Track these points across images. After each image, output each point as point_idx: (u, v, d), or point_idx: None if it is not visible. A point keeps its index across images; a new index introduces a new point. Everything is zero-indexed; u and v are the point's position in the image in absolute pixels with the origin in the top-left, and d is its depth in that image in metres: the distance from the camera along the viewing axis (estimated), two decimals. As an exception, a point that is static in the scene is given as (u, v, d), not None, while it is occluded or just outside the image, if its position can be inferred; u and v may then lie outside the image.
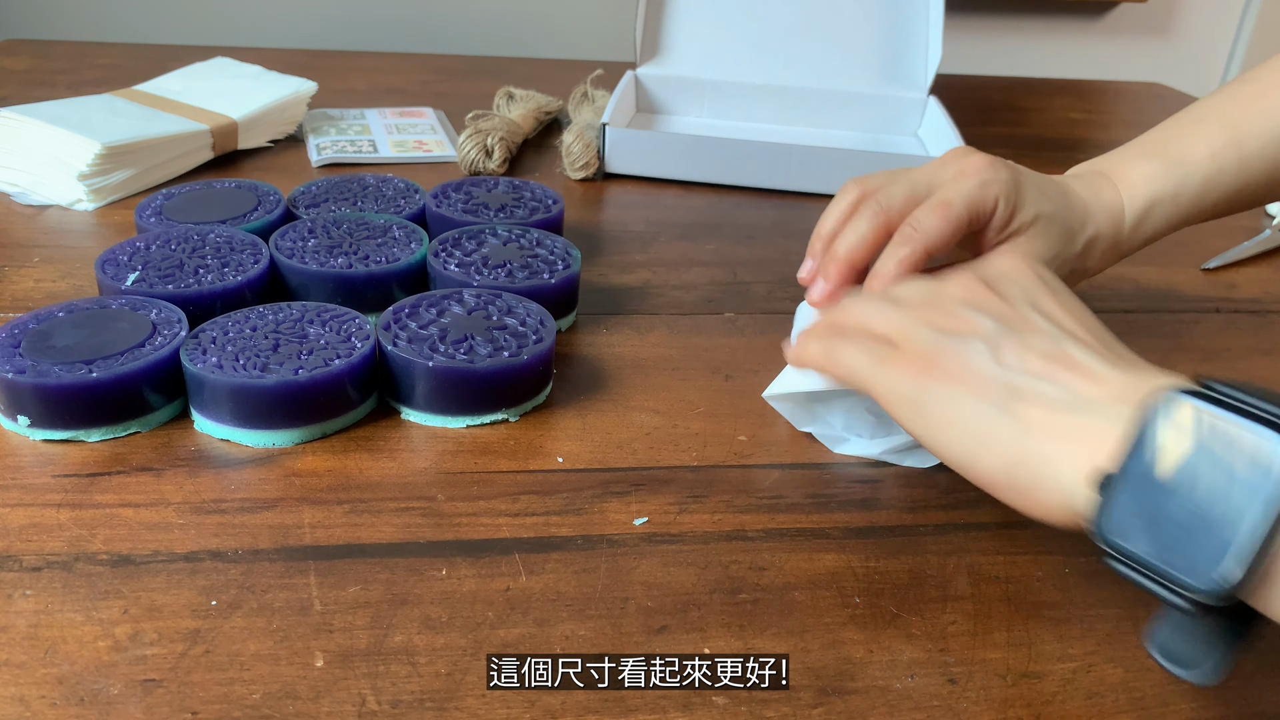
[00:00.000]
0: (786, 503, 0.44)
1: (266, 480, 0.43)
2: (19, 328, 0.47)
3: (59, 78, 0.94)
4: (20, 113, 0.70)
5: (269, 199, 0.62)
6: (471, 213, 0.63)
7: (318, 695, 0.33)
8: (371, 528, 0.41)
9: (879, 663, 0.36)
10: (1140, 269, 0.71)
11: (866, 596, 0.39)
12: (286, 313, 0.50)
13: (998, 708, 0.35)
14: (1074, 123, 1.06)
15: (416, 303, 0.51)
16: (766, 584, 0.40)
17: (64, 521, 0.40)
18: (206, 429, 0.46)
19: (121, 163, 0.70)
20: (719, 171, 0.80)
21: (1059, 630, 0.39)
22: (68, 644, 0.35)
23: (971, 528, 0.44)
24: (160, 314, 0.49)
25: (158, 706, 0.33)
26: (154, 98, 0.80)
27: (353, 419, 0.47)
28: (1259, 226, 0.79)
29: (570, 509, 0.43)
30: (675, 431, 0.49)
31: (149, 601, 0.37)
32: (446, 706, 0.33)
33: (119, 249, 0.54)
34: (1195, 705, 0.36)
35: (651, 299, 0.61)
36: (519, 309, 0.51)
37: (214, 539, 0.40)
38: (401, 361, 0.47)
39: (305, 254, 0.56)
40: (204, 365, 0.45)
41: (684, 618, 0.38)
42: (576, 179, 0.80)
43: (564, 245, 0.58)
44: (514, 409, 0.49)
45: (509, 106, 0.89)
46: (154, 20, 1.19)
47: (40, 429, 0.44)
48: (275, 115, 0.81)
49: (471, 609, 0.37)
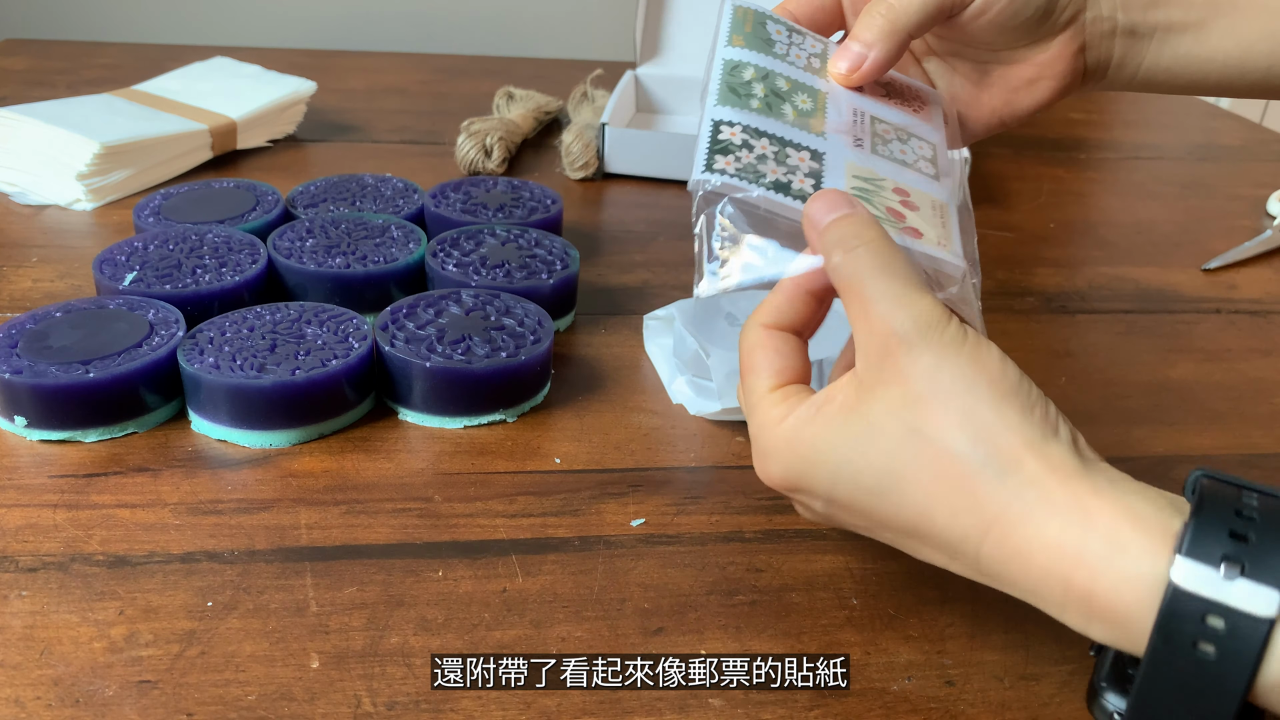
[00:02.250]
0: (784, 504, 0.44)
1: (263, 481, 0.43)
2: (16, 328, 0.47)
3: (58, 78, 0.94)
4: (19, 112, 0.70)
5: (267, 199, 0.62)
6: (470, 213, 0.62)
7: (313, 697, 0.33)
8: (368, 529, 0.41)
9: (876, 664, 0.36)
10: (1140, 269, 0.70)
11: (864, 598, 0.39)
12: (284, 313, 0.49)
13: (995, 710, 0.35)
14: (1074, 123, 1.06)
15: (414, 303, 0.51)
16: (764, 585, 0.40)
17: (60, 522, 0.40)
18: (203, 429, 0.46)
19: (120, 162, 0.69)
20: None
21: (1057, 632, 0.38)
22: (63, 645, 0.35)
23: (970, 529, 0.43)
24: (158, 314, 0.49)
25: (153, 708, 0.33)
26: (153, 97, 0.79)
27: (350, 419, 0.47)
28: (1260, 227, 0.79)
29: (567, 510, 0.43)
30: (673, 432, 0.49)
31: (145, 602, 0.37)
32: (442, 708, 0.33)
33: (117, 249, 0.54)
34: (1193, 707, 0.36)
35: (650, 299, 0.61)
36: (517, 309, 0.51)
37: (210, 540, 0.40)
38: (399, 362, 0.47)
39: (303, 254, 0.55)
40: (201, 366, 0.45)
41: (681, 619, 0.38)
42: (576, 179, 0.80)
43: (563, 245, 0.58)
44: (511, 409, 0.49)
45: (509, 106, 0.88)
46: (153, 20, 1.19)
47: (37, 429, 0.44)
48: (274, 115, 0.81)
49: (468, 610, 0.37)
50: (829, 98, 0.41)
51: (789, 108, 0.40)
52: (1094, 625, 0.29)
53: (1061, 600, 0.29)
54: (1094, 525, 0.28)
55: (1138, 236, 0.77)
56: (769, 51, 0.42)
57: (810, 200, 0.35)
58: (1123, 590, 0.28)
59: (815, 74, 0.43)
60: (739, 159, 0.37)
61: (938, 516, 0.31)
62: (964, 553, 0.31)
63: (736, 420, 0.49)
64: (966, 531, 0.30)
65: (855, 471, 0.32)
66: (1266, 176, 0.92)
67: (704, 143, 0.37)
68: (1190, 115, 1.12)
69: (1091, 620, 0.29)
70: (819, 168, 0.37)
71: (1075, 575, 0.28)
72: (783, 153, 0.37)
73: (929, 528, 0.31)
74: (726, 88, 0.40)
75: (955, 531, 0.31)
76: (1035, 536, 0.29)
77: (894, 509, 0.32)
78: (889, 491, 0.31)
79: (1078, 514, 0.29)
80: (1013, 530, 0.29)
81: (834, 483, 0.32)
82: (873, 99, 0.43)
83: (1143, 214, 0.81)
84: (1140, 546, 0.28)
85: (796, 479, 0.33)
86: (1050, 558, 0.29)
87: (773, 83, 0.40)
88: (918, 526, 0.32)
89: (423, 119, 0.91)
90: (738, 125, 0.38)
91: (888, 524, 0.33)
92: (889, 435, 0.31)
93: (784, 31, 0.44)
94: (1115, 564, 0.28)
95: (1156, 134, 1.05)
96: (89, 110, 0.74)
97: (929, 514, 0.31)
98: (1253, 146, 1.01)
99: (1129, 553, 0.28)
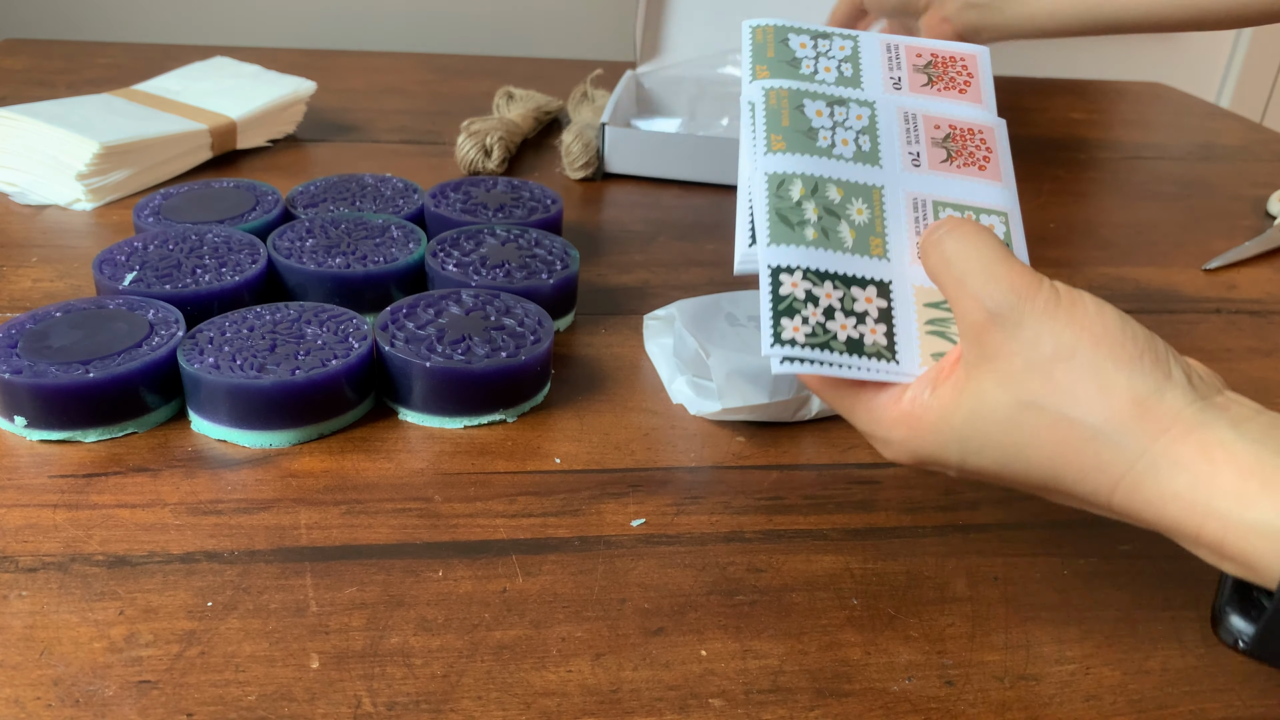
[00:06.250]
0: (784, 504, 0.44)
1: (263, 481, 0.43)
2: (16, 328, 0.47)
3: (58, 77, 0.94)
4: (19, 112, 0.70)
5: (267, 199, 0.62)
6: (470, 212, 0.62)
7: (313, 697, 0.33)
8: (368, 529, 0.41)
9: (876, 665, 0.36)
10: (1141, 269, 0.70)
11: (864, 598, 0.39)
12: (284, 313, 0.49)
13: (995, 710, 0.35)
14: (1075, 122, 1.06)
15: (414, 303, 0.51)
16: (764, 585, 0.40)
17: (60, 522, 0.40)
18: (203, 429, 0.46)
19: (120, 162, 0.69)
20: (719, 171, 0.80)
21: (1057, 632, 0.38)
22: (63, 645, 0.35)
23: (970, 529, 0.43)
24: (157, 314, 0.48)
25: (153, 708, 0.33)
26: (153, 97, 0.79)
27: (350, 419, 0.47)
28: (1260, 226, 0.79)
29: (567, 510, 0.43)
30: (673, 432, 0.48)
31: (145, 603, 0.37)
32: (442, 708, 0.33)
33: (117, 249, 0.54)
34: (1194, 707, 0.36)
35: (651, 299, 0.61)
36: (517, 309, 0.51)
37: (210, 540, 0.40)
38: (399, 362, 0.47)
39: (303, 254, 0.55)
40: (201, 366, 0.45)
41: (681, 619, 0.38)
42: (576, 179, 0.80)
43: (562, 245, 0.58)
44: (511, 409, 0.49)
45: (509, 106, 0.88)
46: (153, 20, 1.19)
47: (37, 429, 0.44)
48: (274, 115, 0.81)
49: (468, 610, 0.37)
50: (885, 192, 0.39)
51: (845, 227, 0.38)
52: (1226, 564, 0.30)
53: (1193, 543, 0.30)
54: (1219, 484, 0.29)
55: (1138, 236, 0.76)
56: (796, 74, 0.41)
57: None
58: (1253, 540, 0.28)
59: (848, 85, 0.41)
60: (805, 320, 0.35)
61: (1065, 477, 0.32)
62: (1095, 504, 0.32)
63: (736, 420, 0.49)
64: (1096, 488, 0.31)
65: (979, 448, 0.33)
66: (1266, 176, 0.92)
67: (766, 299, 0.36)
68: (1190, 115, 1.12)
69: (1223, 561, 0.30)
70: (888, 306, 0.37)
71: (1205, 526, 0.29)
72: (848, 296, 0.36)
73: (1058, 486, 0.32)
74: (777, 217, 0.37)
75: (1085, 488, 0.32)
76: (1163, 493, 0.30)
77: (1022, 474, 0.33)
78: (1013, 462, 0.33)
79: (1204, 469, 0.29)
80: (1139, 486, 0.30)
81: (963, 456, 0.34)
82: (936, 172, 0.40)
83: (1143, 214, 0.81)
84: (1269, 503, 0.28)
85: (927, 457, 0.35)
86: (1180, 509, 0.30)
87: (824, 195, 0.38)
88: (1047, 485, 0.33)
89: (423, 119, 0.91)
90: (797, 271, 0.36)
91: (1020, 483, 0.34)
92: (1003, 411, 0.32)
93: (808, 43, 0.42)
94: (1244, 518, 0.29)
95: (1156, 134, 1.05)
96: (89, 110, 0.74)
97: (1057, 477, 0.32)
98: (1253, 146, 1.01)
99: (1257, 508, 0.29)
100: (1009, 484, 0.34)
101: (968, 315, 0.33)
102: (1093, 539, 0.43)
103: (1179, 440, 0.30)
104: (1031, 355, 0.31)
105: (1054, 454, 0.32)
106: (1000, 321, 0.32)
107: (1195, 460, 0.29)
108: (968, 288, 0.33)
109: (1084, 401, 0.31)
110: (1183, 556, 0.32)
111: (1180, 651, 0.38)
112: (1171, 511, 0.30)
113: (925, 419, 0.34)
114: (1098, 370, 0.31)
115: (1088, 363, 0.31)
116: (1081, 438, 0.31)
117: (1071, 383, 0.31)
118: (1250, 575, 0.29)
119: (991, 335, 0.32)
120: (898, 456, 0.35)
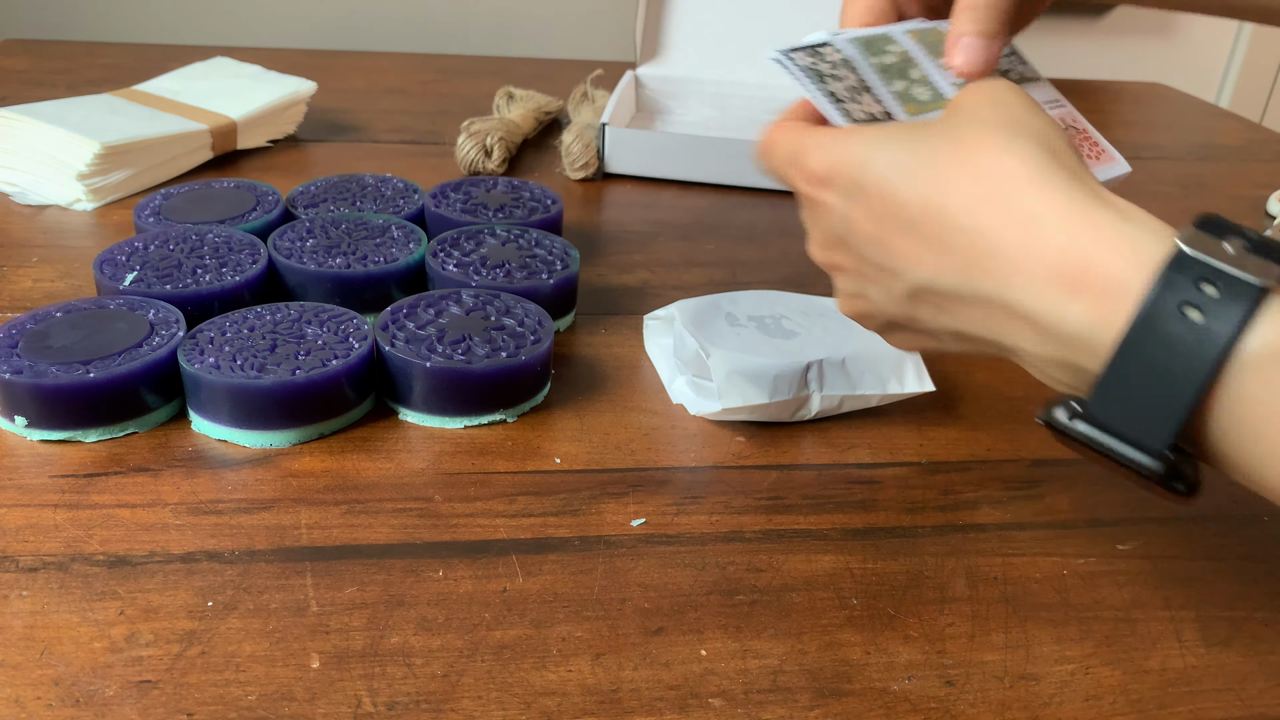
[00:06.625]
0: (784, 504, 0.44)
1: (263, 481, 0.43)
2: (16, 328, 0.47)
3: (58, 78, 0.94)
4: (19, 112, 0.70)
5: (268, 199, 0.62)
6: (470, 213, 0.62)
7: (313, 697, 0.33)
8: (368, 529, 0.41)
9: (876, 664, 0.36)
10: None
11: (864, 598, 0.39)
12: (284, 313, 0.49)
13: (995, 710, 0.35)
14: (1074, 123, 1.06)
15: (414, 303, 0.51)
16: (764, 585, 0.40)
17: (60, 522, 0.40)
18: (204, 429, 0.46)
19: (120, 162, 0.70)
20: (719, 171, 0.80)
21: (1057, 632, 0.39)
22: (63, 645, 0.35)
23: (969, 529, 0.43)
24: (158, 314, 0.49)
25: (153, 708, 0.33)
26: (153, 97, 0.79)
27: (350, 419, 0.47)
28: (1260, 227, 0.79)
29: (567, 510, 0.43)
30: (673, 432, 0.49)
31: (145, 602, 0.37)
32: (442, 708, 0.33)
33: (117, 249, 0.54)
34: (1194, 707, 0.36)
35: (651, 299, 0.61)
36: (517, 309, 0.51)
37: (210, 540, 0.40)
38: (399, 362, 0.47)
39: (304, 254, 0.56)
40: (201, 366, 0.45)
41: (681, 619, 0.38)
42: (576, 179, 0.80)
43: (563, 245, 0.58)
44: (512, 409, 0.49)
45: (509, 106, 0.88)
46: (153, 20, 1.19)
47: (37, 429, 0.44)
48: (274, 115, 0.81)
49: (468, 610, 0.37)
50: None
51: (902, 84, 0.38)
52: (1075, 304, 0.29)
53: (1048, 272, 0.30)
54: (1110, 202, 0.30)
55: (1138, 236, 0.76)
56: None
57: None
58: (1123, 251, 0.29)
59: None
60: (819, 73, 0.36)
61: (952, 196, 0.32)
62: (964, 228, 0.32)
63: (736, 420, 0.49)
64: (973, 204, 0.32)
65: (894, 155, 0.34)
66: (1266, 176, 0.92)
67: (806, 41, 0.37)
68: (1190, 115, 1.12)
69: (1076, 294, 0.29)
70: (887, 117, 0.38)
71: (1078, 238, 0.29)
72: (866, 99, 0.37)
73: (942, 205, 0.32)
74: (864, 40, 0.39)
75: (972, 215, 0.32)
76: (1047, 201, 0.30)
77: (909, 183, 0.33)
78: (916, 166, 0.33)
79: (1096, 197, 0.30)
80: (1021, 195, 0.31)
81: (866, 158, 0.34)
82: None
83: (1143, 214, 0.81)
84: (1150, 225, 0.29)
85: (833, 164, 0.35)
86: (1058, 220, 0.30)
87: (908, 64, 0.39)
88: (929, 203, 0.32)
89: (423, 119, 0.91)
90: (840, 55, 0.37)
91: (902, 208, 0.33)
92: (930, 139, 0.33)
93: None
94: (1121, 230, 0.29)
95: (1156, 134, 1.05)
96: (89, 110, 0.74)
97: (945, 192, 0.32)
98: (1253, 146, 1.01)
99: (1137, 222, 0.29)
100: (883, 219, 0.34)
101: None
102: (1093, 539, 0.43)
103: (1092, 188, 0.31)
104: (989, 113, 0.33)
105: (955, 173, 0.32)
106: (968, 91, 0.35)
107: (1093, 192, 0.31)
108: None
109: (1017, 151, 0.32)
110: (1183, 556, 0.32)
111: (1180, 651, 0.38)
112: (1047, 224, 0.30)
113: (854, 134, 0.35)
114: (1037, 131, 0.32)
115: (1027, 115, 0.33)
116: (1000, 172, 0.32)
117: (1009, 132, 0.32)
118: (1097, 314, 0.29)
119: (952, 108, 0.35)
120: (806, 165, 0.36)
